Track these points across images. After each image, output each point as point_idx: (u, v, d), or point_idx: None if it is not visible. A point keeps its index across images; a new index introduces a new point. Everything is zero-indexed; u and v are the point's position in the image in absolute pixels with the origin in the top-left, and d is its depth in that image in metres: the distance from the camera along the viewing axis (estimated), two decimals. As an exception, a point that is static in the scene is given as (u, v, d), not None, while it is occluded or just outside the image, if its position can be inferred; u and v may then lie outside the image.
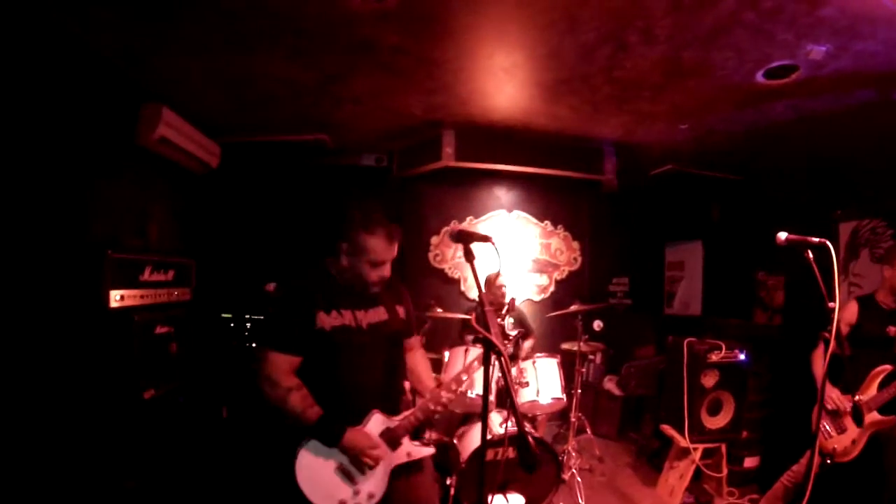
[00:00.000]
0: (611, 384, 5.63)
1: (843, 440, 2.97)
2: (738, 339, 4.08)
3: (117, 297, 3.12)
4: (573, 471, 4.04)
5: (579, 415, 4.49)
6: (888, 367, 2.92)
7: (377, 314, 2.19)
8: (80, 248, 3.11)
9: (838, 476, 3.05)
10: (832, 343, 2.13)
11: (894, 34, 2.62)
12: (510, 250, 5.89)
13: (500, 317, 2.75)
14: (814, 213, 4.78)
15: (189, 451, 3.64)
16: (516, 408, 1.66)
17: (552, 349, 4.41)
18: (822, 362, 2.35)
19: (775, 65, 3.06)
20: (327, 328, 2.04)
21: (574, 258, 6.18)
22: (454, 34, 2.94)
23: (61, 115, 3.11)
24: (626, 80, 3.47)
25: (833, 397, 3.01)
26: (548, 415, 4.52)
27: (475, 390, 3.45)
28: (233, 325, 4.57)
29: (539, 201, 6.09)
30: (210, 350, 4.35)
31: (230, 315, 4.58)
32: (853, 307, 3.19)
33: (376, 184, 5.74)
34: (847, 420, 2.98)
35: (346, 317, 2.10)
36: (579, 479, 3.95)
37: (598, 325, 5.17)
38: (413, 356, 2.44)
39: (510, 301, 3.19)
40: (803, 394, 3.06)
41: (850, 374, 3.00)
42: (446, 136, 4.89)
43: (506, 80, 3.62)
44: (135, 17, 2.77)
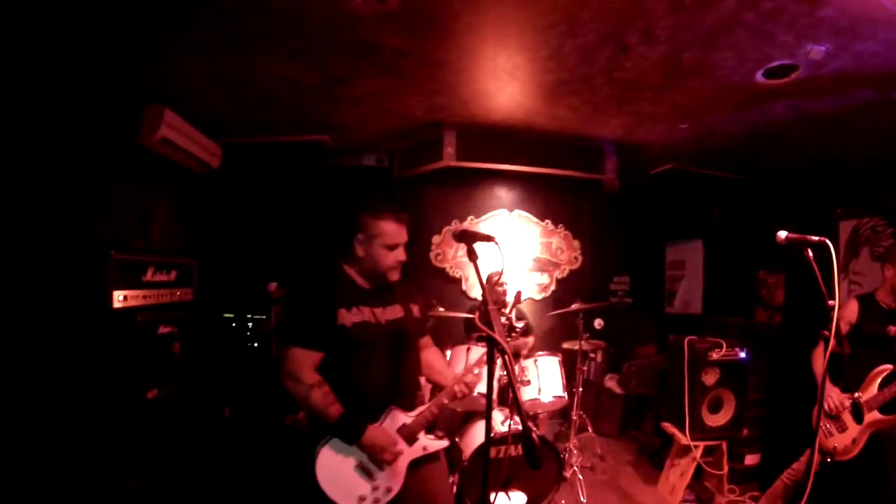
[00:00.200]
0: (612, 382, 5.64)
1: (843, 439, 2.98)
2: (738, 337, 4.11)
3: (120, 298, 3.13)
4: (575, 469, 4.06)
5: (580, 413, 4.51)
6: (889, 366, 2.93)
7: (394, 312, 2.25)
8: (83, 249, 3.12)
9: (839, 474, 3.06)
10: (832, 341, 2.14)
11: (894, 35, 2.63)
12: (511, 249, 5.91)
13: (509, 308, 2.79)
14: (814, 212, 4.79)
15: (191, 450, 3.65)
16: (520, 403, 1.68)
17: (553, 348, 4.43)
18: (822, 360, 2.36)
19: (775, 64, 3.07)
20: (348, 325, 2.08)
21: (575, 257, 6.20)
22: (456, 35, 2.95)
23: (64, 117, 3.11)
24: (626, 80, 3.47)
25: (833, 396, 3.02)
26: (549, 413, 4.54)
27: (477, 388, 3.47)
28: (234, 325, 4.58)
29: (540, 201, 6.11)
30: (212, 350, 4.36)
31: (232, 315, 4.59)
32: (853, 306, 3.20)
33: (377, 184, 5.74)
34: (847, 418, 2.99)
35: (366, 314, 2.14)
36: (581, 477, 3.98)
37: (598, 323, 5.18)
38: (428, 352, 2.51)
39: (517, 293, 3.20)
40: (804, 392, 3.06)
41: (850, 373, 3.01)
42: (447, 136, 4.90)
43: (507, 81, 3.62)
44: (135, 18, 2.77)
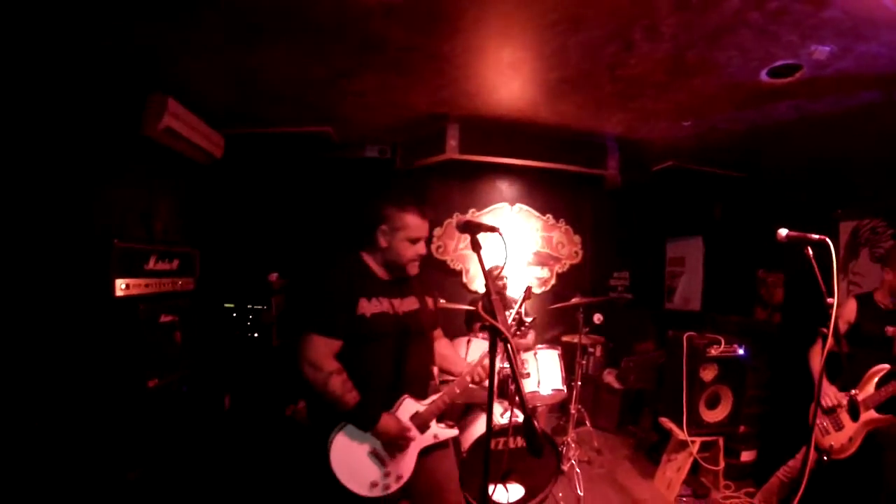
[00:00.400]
0: (610, 377, 5.68)
1: (839, 437, 3.00)
2: (737, 335, 4.13)
3: (123, 286, 3.13)
4: (572, 462, 4.09)
5: (579, 407, 4.54)
6: (886, 366, 2.95)
7: (410, 304, 2.30)
8: (86, 238, 3.13)
9: (835, 473, 3.08)
10: (830, 339, 2.16)
11: (897, 37, 2.64)
12: (512, 243, 5.91)
13: (518, 303, 2.82)
14: (815, 212, 4.80)
15: (191, 440, 3.67)
16: (522, 392, 1.71)
17: (553, 341, 4.45)
18: (819, 358, 2.38)
19: (779, 64, 3.07)
20: (368, 314, 2.12)
21: (575, 252, 6.22)
22: (462, 30, 2.95)
23: (68, 108, 3.13)
24: (630, 77, 3.47)
25: (830, 395, 3.04)
26: (548, 406, 4.57)
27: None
28: (235, 315, 4.60)
29: (541, 195, 6.12)
30: (213, 340, 4.38)
31: (232, 305, 4.61)
32: (852, 305, 3.21)
33: (379, 175, 5.75)
34: (844, 417, 3.01)
35: (385, 304, 2.19)
36: (578, 471, 4.00)
37: (598, 318, 5.20)
38: (441, 343, 2.58)
39: (528, 288, 3.23)
40: (801, 390, 3.09)
41: (847, 372, 3.03)
42: (451, 130, 4.90)
43: (512, 76, 3.63)
44: (141, 11, 2.76)
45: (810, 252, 2.19)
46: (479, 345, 3.82)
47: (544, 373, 3.89)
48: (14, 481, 2.53)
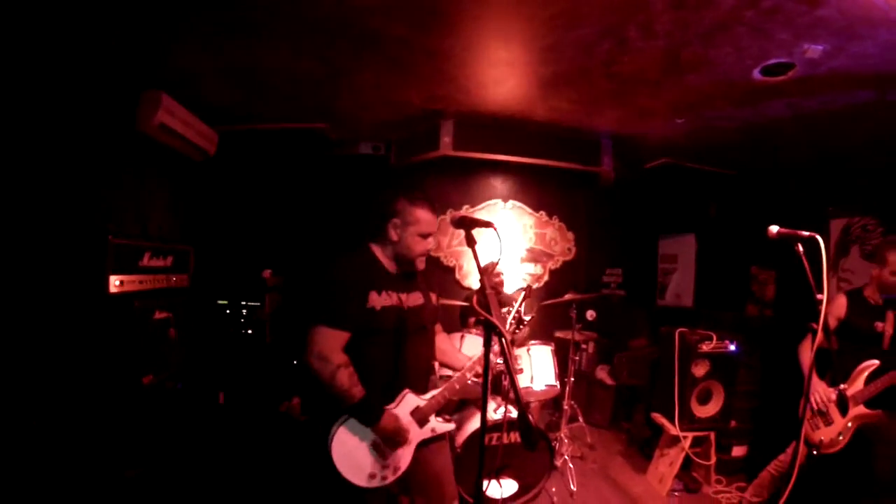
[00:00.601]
0: (603, 373, 5.70)
1: (829, 432, 3.03)
2: (729, 331, 4.14)
3: (117, 283, 3.12)
4: (565, 458, 4.11)
5: (572, 403, 4.56)
6: (875, 362, 2.97)
7: (416, 298, 2.32)
8: (80, 234, 3.11)
9: (825, 467, 3.11)
10: (819, 334, 2.19)
11: (891, 36, 2.65)
12: (506, 239, 5.93)
13: (518, 302, 2.84)
14: (807, 210, 4.84)
15: (186, 437, 3.67)
16: (516, 385, 1.72)
17: (546, 337, 4.47)
18: (809, 354, 2.41)
19: (772, 62, 3.09)
20: (377, 308, 2.13)
21: (568, 248, 6.23)
22: (458, 26, 2.95)
23: (62, 103, 3.11)
24: (624, 74, 3.48)
25: (819, 390, 3.06)
26: (541, 402, 4.58)
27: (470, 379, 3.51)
28: (229, 311, 4.60)
29: (535, 192, 6.12)
30: (207, 337, 4.37)
31: (226, 302, 4.61)
32: (841, 301, 3.24)
33: (374, 172, 5.75)
34: (834, 412, 3.04)
35: (394, 298, 2.20)
36: (571, 466, 4.03)
37: (591, 314, 5.24)
38: (440, 337, 2.61)
39: (528, 287, 3.26)
40: (792, 385, 3.10)
41: (837, 368, 3.06)
42: (445, 126, 4.91)
43: (506, 73, 3.63)
44: (135, 5, 2.75)
45: (800, 248, 2.22)
46: (473, 340, 3.83)
47: (537, 369, 3.91)
48: (9, 478, 2.52)
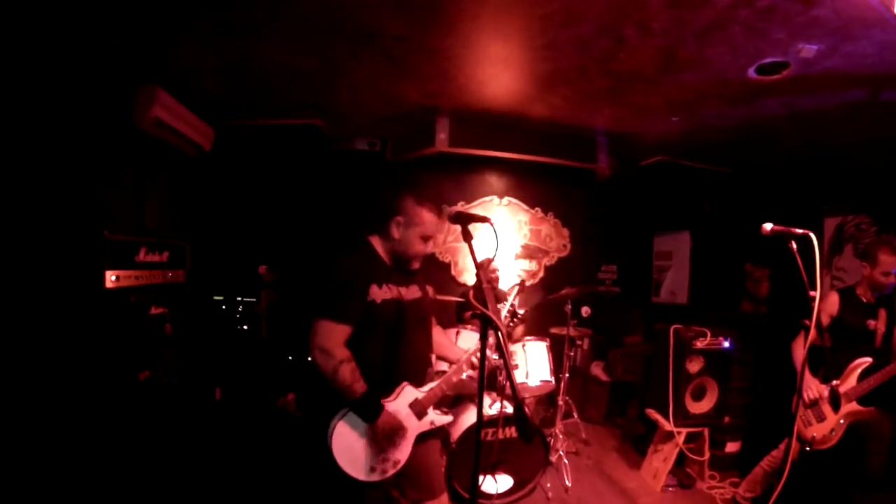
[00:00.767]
0: (598, 370, 5.72)
1: (822, 429, 3.05)
2: (724, 328, 4.16)
3: (113, 278, 3.13)
4: (560, 453, 4.14)
5: (567, 399, 4.58)
6: (868, 359, 3.00)
7: (414, 291, 2.33)
8: (76, 229, 3.11)
9: (817, 463, 3.14)
10: (812, 331, 2.21)
11: (885, 37, 2.67)
12: (501, 236, 5.93)
13: (512, 297, 2.85)
14: (801, 208, 4.86)
15: (183, 432, 3.66)
16: (513, 378, 1.73)
17: (541, 333, 4.49)
18: (802, 350, 2.43)
19: (767, 61, 3.11)
20: (378, 301, 2.14)
21: (564, 245, 6.26)
22: (455, 22, 2.95)
23: (59, 99, 3.10)
24: (620, 72, 3.49)
25: (812, 387, 3.09)
26: (536, 398, 4.60)
27: (466, 372, 3.53)
28: (225, 307, 4.60)
29: (530, 188, 6.14)
30: (203, 332, 4.37)
31: (222, 297, 4.61)
32: (834, 298, 3.26)
33: (369, 168, 5.75)
34: (826, 409, 3.06)
35: (394, 291, 2.21)
36: (566, 462, 4.05)
37: (585, 311, 5.24)
38: (435, 330, 2.61)
39: (521, 281, 3.27)
40: (785, 382, 3.13)
41: (830, 364, 3.09)
42: (440, 123, 4.92)
43: (502, 69, 3.64)
44: (139, 9, 2.76)
45: (794, 246, 2.24)
46: (468, 336, 3.85)
47: (533, 364, 3.93)
48: (6, 474, 2.52)
